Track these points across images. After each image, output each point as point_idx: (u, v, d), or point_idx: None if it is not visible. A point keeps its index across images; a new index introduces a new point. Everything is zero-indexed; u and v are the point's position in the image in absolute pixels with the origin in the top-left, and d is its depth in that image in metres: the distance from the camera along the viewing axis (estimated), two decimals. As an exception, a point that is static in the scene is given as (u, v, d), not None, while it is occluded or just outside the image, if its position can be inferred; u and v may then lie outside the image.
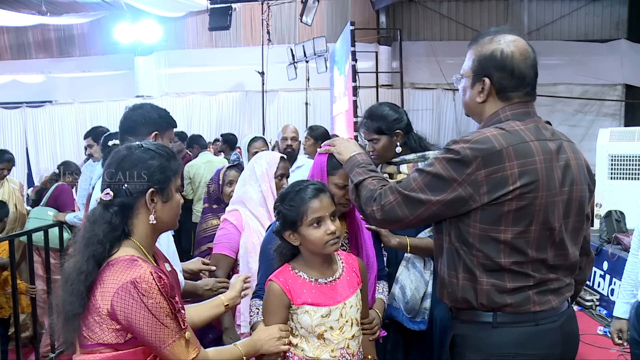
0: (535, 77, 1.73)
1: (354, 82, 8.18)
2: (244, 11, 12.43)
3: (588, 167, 1.80)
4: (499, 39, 1.71)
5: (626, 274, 2.75)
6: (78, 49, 13.12)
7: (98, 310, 1.47)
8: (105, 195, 1.56)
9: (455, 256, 1.68)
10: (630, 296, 2.68)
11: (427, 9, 12.71)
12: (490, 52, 1.70)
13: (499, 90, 1.71)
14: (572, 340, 1.77)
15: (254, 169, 2.66)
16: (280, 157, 2.70)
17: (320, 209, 1.80)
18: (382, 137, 2.57)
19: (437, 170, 1.62)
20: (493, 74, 1.70)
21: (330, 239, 1.81)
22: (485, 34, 1.76)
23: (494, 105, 1.73)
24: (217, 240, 2.66)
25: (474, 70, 1.74)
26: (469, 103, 1.79)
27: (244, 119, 12.60)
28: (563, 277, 1.70)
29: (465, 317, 1.72)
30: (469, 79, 1.77)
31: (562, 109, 12.34)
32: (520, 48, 1.70)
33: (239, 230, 2.60)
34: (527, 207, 1.59)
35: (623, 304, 2.70)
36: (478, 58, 1.73)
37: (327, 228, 1.80)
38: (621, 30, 12.74)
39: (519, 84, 1.70)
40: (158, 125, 2.43)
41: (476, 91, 1.74)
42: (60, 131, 12.71)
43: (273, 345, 1.80)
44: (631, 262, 2.73)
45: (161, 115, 2.47)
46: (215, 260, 2.62)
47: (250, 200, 2.64)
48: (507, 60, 1.68)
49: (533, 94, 1.75)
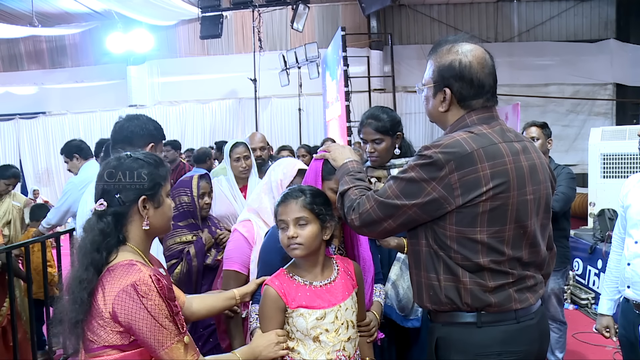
0: (494, 83, 1.77)
1: (346, 87, 8.22)
2: (235, 19, 12.48)
3: (549, 165, 1.86)
4: (456, 49, 1.74)
5: (608, 271, 2.80)
6: (70, 59, 13.14)
7: (101, 314, 1.52)
8: (100, 206, 1.62)
9: (435, 258, 1.70)
10: (614, 292, 2.73)
11: (418, 13, 12.79)
12: (449, 62, 1.73)
13: (460, 99, 1.75)
14: (546, 337, 1.84)
15: (270, 178, 2.51)
16: (299, 170, 2.48)
17: (282, 214, 1.88)
18: (386, 137, 2.60)
19: (411, 175, 1.66)
20: (453, 84, 1.73)
21: (289, 244, 1.85)
22: (444, 43, 1.79)
23: (456, 113, 1.77)
24: (227, 255, 2.50)
25: (434, 80, 1.78)
26: (432, 112, 1.84)
27: (237, 126, 12.64)
28: (535, 273, 1.76)
29: (447, 319, 1.73)
30: (430, 88, 1.81)
31: (554, 109, 12.43)
32: (478, 57, 1.73)
33: (250, 243, 2.45)
34: (500, 207, 1.63)
35: (607, 300, 2.76)
36: (437, 68, 1.76)
37: (287, 232, 1.85)
38: (610, 30, 12.86)
39: (479, 92, 1.74)
40: (154, 137, 2.53)
41: (438, 101, 1.79)
42: (54, 142, 12.71)
43: (272, 351, 1.82)
44: (613, 259, 2.78)
45: (157, 127, 2.55)
46: (225, 278, 2.46)
47: (265, 211, 2.49)
48: (465, 71, 1.71)
49: (493, 99, 1.79)
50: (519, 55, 12.39)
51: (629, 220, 2.60)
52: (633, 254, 2.52)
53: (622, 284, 2.59)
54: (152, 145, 2.47)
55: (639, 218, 2.53)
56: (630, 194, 2.63)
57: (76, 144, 4.80)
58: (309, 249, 1.87)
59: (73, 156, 4.71)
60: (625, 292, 2.54)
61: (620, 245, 2.73)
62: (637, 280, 2.47)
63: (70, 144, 4.81)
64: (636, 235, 2.53)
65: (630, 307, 2.54)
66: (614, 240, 2.81)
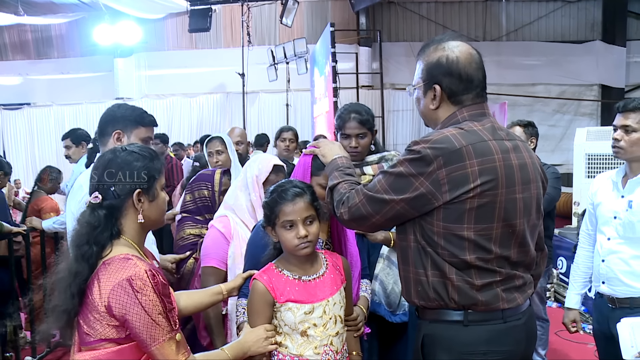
0: (483, 78, 1.79)
1: (335, 83, 8.22)
2: (224, 13, 12.42)
3: (541, 166, 1.87)
4: (443, 46, 1.77)
5: (575, 266, 2.86)
6: (56, 50, 13.00)
7: (97, 307, 1.52)
8: (94, 199, 1.62)
9: (423, 254, 1.71)
10: (581, 287, 2.81)
11: (407, 10, 12.82)
12: (436, 59, 1.76)
13: (450, 95, 1.76)
14: (533, 338, 1.85)
15: (246, 174, 2.49)
16: (274, 166, 2.47)
17: (291, 213, 1.83)
18: (368, 132, 2.63)
19: (400, 170, 1.67)
20: (442, 80, 1.75)
21: (300, 243, 1.83)
22: (431, 43, 1.82)
23: (447, 110, 1.79)
24: (204, 251, 2.51)
25: (424, 79, 1.80)
26: (424, 111, 1.85)
27: (224, 120, 12.59)
28: (523, 273, 1.76)
29: (434, 316, 1.74)
30: (420, 88, 1.83)
31: (541, 108, 12.54)
32: (464, 52, 1.75)
33: (227, 239, 2.46)
34: (488, 204, 1.64)
35: (575, 295, 2.82)
36: (426, 67, 1.79)
37: (297, 232, 1.83)
38: (596, 31, 12.99)
39: (468, 87, 1.75)
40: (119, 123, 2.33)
41: (429, 99, 1.80)
42: (38, 134, 12.58)
43: (261, 346, 1.82)
44: (580, 254, 2.84)
45: (124, 115, 2.35)
46: (204, 274, 2.47)
47: (240, 208, 2.49)
48: (453, 65, 1.73)
49: (483, 95, 1.81)
50: (506, 55, 12.46)
51: (600, 218, 2.64)
52: (607, 251, 2.56)
53: (596, 280, 2.63)
54: (118, 132, 2.31)
55: (610, 215, 2.57)
56: (600, 192, 2.68)
57: (84, 132, 4.83)
58: (314, 246, 1.88)
59: (80, 143, 4.72)
60: (600, 287, 2.59)
61: (588, 242, 2.79)
62: (612, 276, 2.52)
63: (77, 131, 4.86)
64: (608, 232, 2.57)
65: (604, 302, 2.58)
66: (582, 236, 2.86)
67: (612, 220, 2.56)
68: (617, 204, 2.56)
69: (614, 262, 2.52)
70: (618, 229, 2.53)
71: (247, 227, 2.46)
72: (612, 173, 2.69)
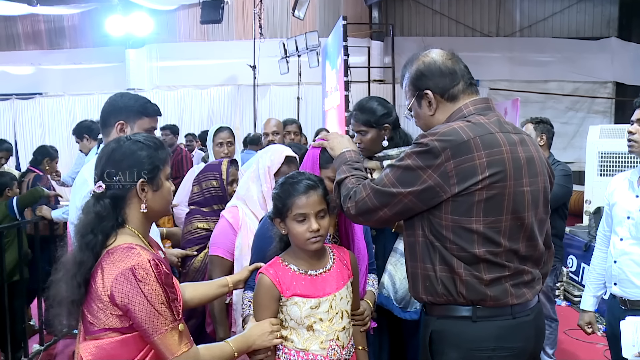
0: (466, 68, 1.83)
1: (346, 76, 8.17)
2: (236, 4, 12.38)
3: (547, 160, 1.87)
4: (417, 58, 1.85)
5: (592, 267, 2.82)
6: (69, 40, 13.03)
7: (100, 297, 1.52)
8: (98, 188, 1.61)
9: (431, 249, 1.70)
10: (597, 289, 2.78)
11: (420, 5, 12.73)
12: (415, 70, 1.83)
13: (442, 93, 1.80)
14: (541, 334, 1.84)
15: (257, 165, 2.46)
16: (286, 157, 2.43)
17: (304, 206, 1.80)
18: (370, 130, 2.60)
19: (407, 163, 1.66)
20: (429, 84, 1.80)
21: (312, 237, 1.81)
22: (407, 65, 1.89)
23: (446, 109, 1.81)
24: (212, 240, 2.52)
25: (413, 93, 1.85)
26: (425, 122, 1.86)
27: (235, 112, 12.58)
28: (532, 268, 1.75)
29: (442, 312, 1.73)
30: (415, 103, 1.86)
31: (553, 105, 12.42)
32: (437, 53, 1.84)
33: (234, 229, 2.45)
34: (496, 196, 1.63)
35: (590, 297, 2.79)
36: (411, 82, 1.86)
37: (309, 225, 1.80)
38: (612, 28, 12.83)
39: (454, 78, 1.79)
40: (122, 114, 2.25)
41: (425, 107, 1.83)
42: (50, 124, 12.63)
43: (266, 340, 1.81)
44: (597, 256, 2.80)
45: (127, 105, 2.26)
46: (210, 263, 2.48)
47: (251, 199, 2.47)
48: (432, 66, 1.80)
49: (474, 87, 1.84)
50: (519, 51, 12.35)
51: (614, 218, 2.61)
52: (619, 252, 2.53)
53: (609, 281, 2.60)
54: (121, 123, 2.24)
55: (624, 215, 2.54)
56: (616, 192, 2.64)
57: (87, 124, 4.86)
58: (324, 241, 1.86)
59: (83, 137, 4.76)
60: (612, 289, 2.56)
61: (604, 243, 2.75)
62: (624, 277, 2.49)
63: (82, 124, 4.89)
64: (621, 233, 2.54)
65: (616, 303, 2.55)
66: (599, 237, 2.83)
67: (625, 221, 2.52)
68: (632, 204, 2.52)
69: (626, 263, 2.49)
70: (631, 229, 2.49)
71: (257, 218, 2.44)
72: (629, 173, 2.65)
